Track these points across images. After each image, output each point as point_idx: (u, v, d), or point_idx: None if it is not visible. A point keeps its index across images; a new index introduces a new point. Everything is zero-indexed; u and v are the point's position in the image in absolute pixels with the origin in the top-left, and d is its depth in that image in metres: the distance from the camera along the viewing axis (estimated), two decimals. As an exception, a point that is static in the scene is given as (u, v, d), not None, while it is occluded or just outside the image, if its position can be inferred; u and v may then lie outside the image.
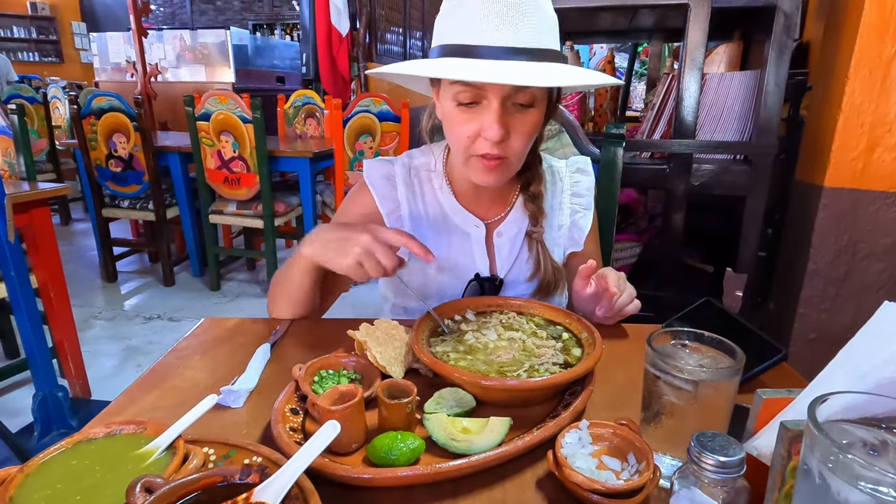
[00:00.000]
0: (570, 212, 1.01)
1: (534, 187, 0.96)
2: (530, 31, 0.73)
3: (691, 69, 1.55)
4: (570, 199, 1.02)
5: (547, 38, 0.76)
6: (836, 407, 0.37)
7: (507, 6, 0.72)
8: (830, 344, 0.50)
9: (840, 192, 1.42)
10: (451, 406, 0.63)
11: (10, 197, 1.62)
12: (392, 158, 1.01)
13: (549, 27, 0.77)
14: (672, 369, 0.52)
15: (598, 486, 0.49)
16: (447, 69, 0.74)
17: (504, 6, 0.72)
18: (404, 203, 0.96)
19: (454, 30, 0.76)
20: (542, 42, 0.75)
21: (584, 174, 1.03)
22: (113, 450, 0.51)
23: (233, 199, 3.04)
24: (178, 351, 0.80)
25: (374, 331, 0.73)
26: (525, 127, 0.80)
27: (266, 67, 5.99)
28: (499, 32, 0.72)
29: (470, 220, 0.96)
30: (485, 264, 0.96)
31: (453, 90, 0.78)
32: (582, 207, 1.02)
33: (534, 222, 0.96)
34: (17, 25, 8.46)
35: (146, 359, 2.45)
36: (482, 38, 0.73)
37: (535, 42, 0.74)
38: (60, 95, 4.53)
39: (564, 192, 1.02)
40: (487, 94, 0.76)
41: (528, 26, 0.73)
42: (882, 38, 1.31)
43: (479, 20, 0.73)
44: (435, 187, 0.98)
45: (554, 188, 1.01)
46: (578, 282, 0.86)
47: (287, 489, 0.41)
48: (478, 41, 0.73)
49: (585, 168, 1.04)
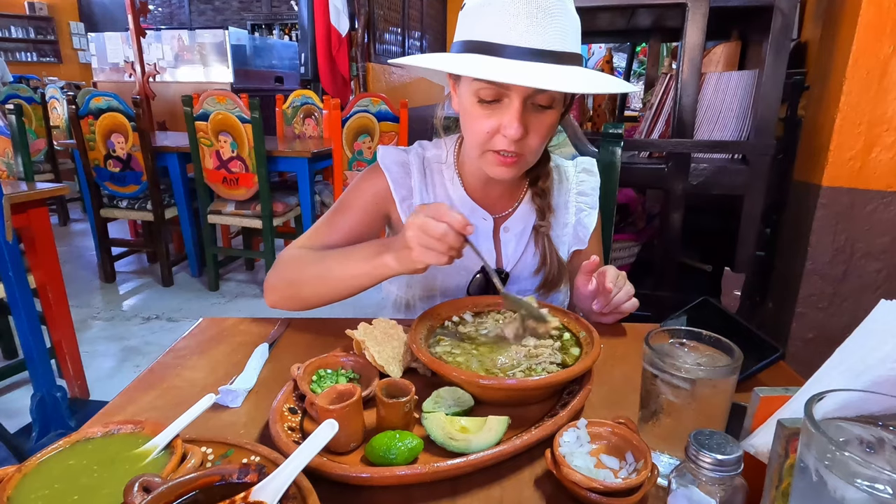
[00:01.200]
0: (575, 210, 1.03)
1: (542, 183, 0.97)
2: (556, 33, 0.74)
3: (689, 69, 1.55)
4: (576, 198, 1.03)
5: (571, 41, 0.77)
6: (833, 405, 0.37)
7: (537, 8, 0.73)
8: (828, 343, 0.50)
9: (838, 191, 1.42)
10: (450, 405, 0.63)
11: (9, 197, 1.62)
12: (405, 148, 1.01)
13: (574, 30, 0.78)
14: (670, 368, 0.52)
15: (596, 485, 0.49)
16: (477, 68, 0.74)
17: (535, 8, 0.73)
18: (417, 192, 0.97)
19: (482, 27, 0.76)
20: (567, 45, 0.76)
21: (589, 174, 1.05)
22: (110, 449, 0.51)
23: (231, 199, 3.04)
24: (176, 351, 0.80)
25: (372, 330, 0.73)
26: (542, 127, 0.81)
27: (264, 67, 5.98)
28: (528, 34, 0.73)
29: (479, 213, 0.96)
30: (491, 258, 0.97)
31: (475, 86, 0.79)
32: (587, 206, 1.03)
33: (541, 216, 0.98)
34: (15, 25, 8.45)
35: (144, 359, 2.44)
36: (510, 38, 0.73)
37: (560, 45, 0.75)
38: (58, 95, 4.52)
39: (570, 191, 1.03)
40: (510, 93, 0.77)
41: (554, 28, 0.74)
42: (879, 38, 1.31)
43: (509, 19, 0.73)
44: (445, 179, 0.98)
45: (560, 187, 1.03)
46: (580, 277, 0.87)
47: (285, 488, 0.41)
48: (505, 41, 0.74)
49: (591, 169, 1.06)
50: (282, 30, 8.12)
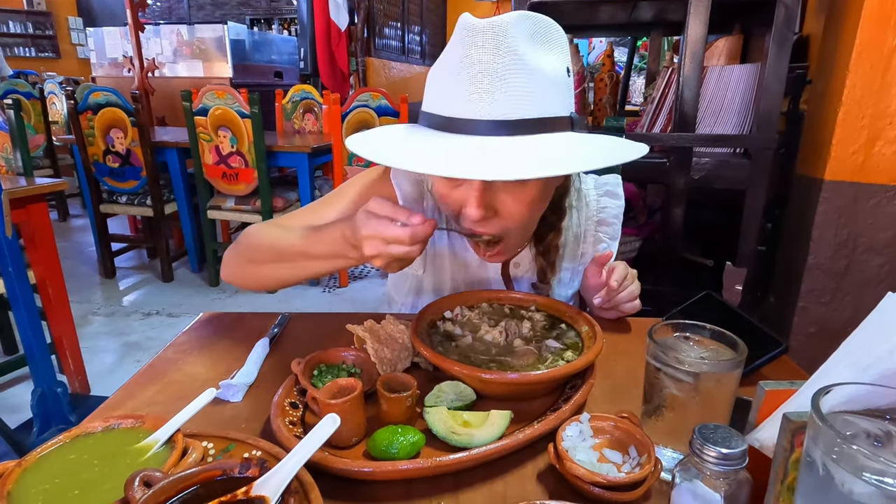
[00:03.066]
0: (593, 241, 0.94)
1: (548, 241, 0.87)
2: (509, 99, 0.61)
3: (691, 62, 1.54)
4: (596, 229, 0.94)
5: (538, 104, 0.62)
6: (840, 398, 0.37)
7: (480, 71, 0.60)
8: (830, 338, 0.50)
9: (840, 185, 1.41)
10: (452, 400, 0.63)
11: (8, 192, 1.62)
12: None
13: (542, 88, 0.63)
14: (674, 361, 0.52)
15: (599, 479, 0.49)
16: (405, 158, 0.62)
17: (477, 71, 0.60)
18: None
19: (433, 97, 0.67)
20: (531, 111, 0.62)
21: (613, 198, 0.94)
22: (111, 444, 0.51)
23: (231, 194, 3.03)
24: (177, 345, 0.80)
25: (378, 329, 0.72)
26: (516, 205, 0.69)
27: (264, 62, 5.96)
28: (471, 104, 0.61)
29: None
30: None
31: None
32: (607, 237, 0.94)
33: (541, 277, 0.89)
34: (14, 21, 8.41)
35: (145, 354, 2.44)
36: (454, 110, 0.63)
37: (519, 112, 0.61)
38: (57, 91, 4.50)
39: (589, 219, 0.93)
40: None
41: (506, 94, 0.60)
42: (883, 31, 1.30)
43: (452, 87, 0.63)
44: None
45: (579, 215, 0.93)
46: (591, 268, 0.86)
47: (287, 483, 0.41)
48: (451, 112, 0.63)
49: (615, 191, 0.94)
50: (281, 24, 8.09)
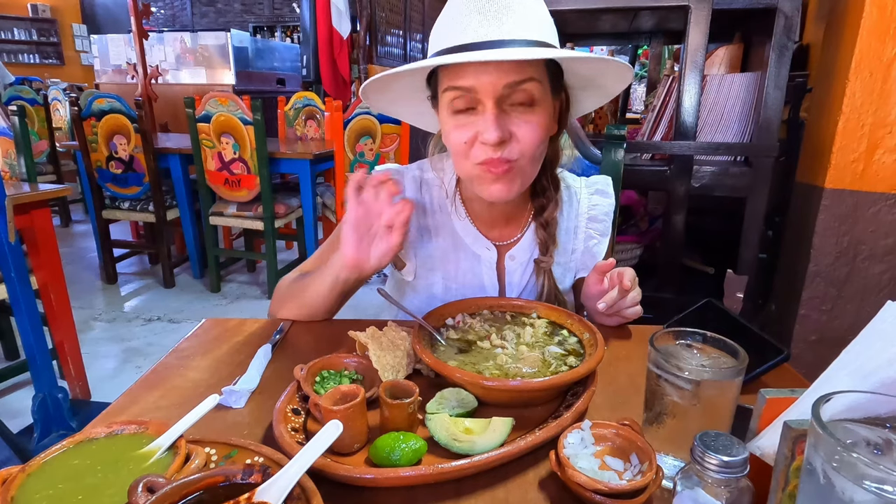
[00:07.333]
0: (584, 237, 0.96)
1: (548, 213, 0.91)
2: (514, 25, 0.71)
3: (692, 71, 1.55)
4: (586, 224, 0.96)
5: (535, 31, 0.73)
6: (840, 406, 0.37)
7: (487, 2, 0.71)
8: (831, 345, 0.50)
9: (841, 193, 1.42)
10: (453, 406, 0.63)
11: (11, 198, 1.62)
12: (402, 169, 0.96)
13: (538, 21, 0.74)
14: (675, 369, 0.52)
15: (600, 487, 0.49)
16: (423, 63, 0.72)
17: (484, 3, 0.71)
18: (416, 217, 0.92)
19: (440, 35, 0.76)
20: (530, 34, 0.72)
21: (603, 196, 0.98)
22: (115, 450, 0.51)
23: (233, 200, 3.04)
24: (180, 351, 0.80)
25: (381, 335, 0.72)
26: (529, 128, 0.75)
27: (266, 69, 6.00)
28: (482, 28, 0.71)
29: (482, 243, 0.92)
30: (494, 288, 0.93)
31: (447, 98, 0.76)
32: (598, 233, 0.96)
33: (543, 250, 0.92)
34: (18, 27, 8.47)
35: (146, 360, 2.44)
36: (465, 37, 0.71)
37: (525, 34, 0.71)
38: (61, 97, 4.54)
39: (580, 215, 0.96)
40: (480, 97, 0.73)
41: (511, 21, 0.71)
42: (882, 40, 1.31)
43: (461, 20, 0.72)
44: (447, 205, 0.93)
45: (570, 210, 0.96)
46: (592, 276, 0.85)
47: (289, 489, 0.41)
48: (461, 40, 0.72)
49: (606, 190, 0.98)
50: (284, 32, 8.13)
